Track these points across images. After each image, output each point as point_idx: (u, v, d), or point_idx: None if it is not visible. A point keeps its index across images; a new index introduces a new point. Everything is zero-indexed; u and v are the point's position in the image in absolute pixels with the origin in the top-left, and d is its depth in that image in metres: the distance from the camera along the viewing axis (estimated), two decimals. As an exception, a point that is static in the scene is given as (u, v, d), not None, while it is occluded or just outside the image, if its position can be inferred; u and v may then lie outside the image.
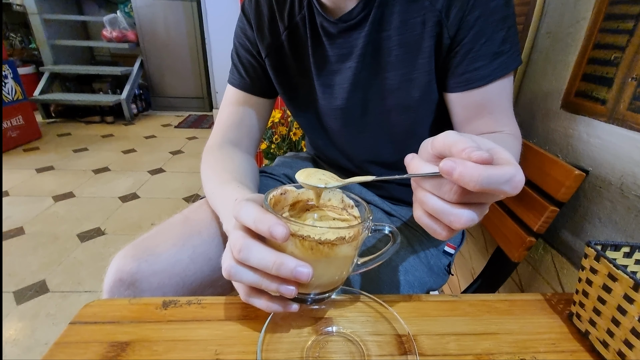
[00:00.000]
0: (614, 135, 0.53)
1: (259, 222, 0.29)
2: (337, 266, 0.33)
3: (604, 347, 0.33)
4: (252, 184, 0.51)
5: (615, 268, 0.32)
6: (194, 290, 0.48)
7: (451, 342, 0.35)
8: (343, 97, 0.54)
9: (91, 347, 0.33)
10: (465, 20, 0.44)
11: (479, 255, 0.95)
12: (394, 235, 0.34)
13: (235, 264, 0.31)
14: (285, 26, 0.55)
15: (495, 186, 0.22)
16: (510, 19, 0.44)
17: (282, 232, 0.28)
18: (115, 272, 0.44)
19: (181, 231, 0.50)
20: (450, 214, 0.25)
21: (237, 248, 0.30)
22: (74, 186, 2.07)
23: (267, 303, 0.32)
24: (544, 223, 0.54)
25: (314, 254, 0.30)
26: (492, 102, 0.48)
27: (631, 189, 0.50)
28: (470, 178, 0.22)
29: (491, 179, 0.22)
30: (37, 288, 1.30)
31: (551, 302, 0.42)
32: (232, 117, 0.61)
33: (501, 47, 0.45)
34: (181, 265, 0.47)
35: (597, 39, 0.56)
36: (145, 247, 0.47)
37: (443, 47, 0.46)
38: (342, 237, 0.30)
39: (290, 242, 0.29)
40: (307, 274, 0.29)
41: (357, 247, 0.33)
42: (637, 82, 0.49)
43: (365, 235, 0.32)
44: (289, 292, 0.30)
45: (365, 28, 0.48)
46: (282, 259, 0.29)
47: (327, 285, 0.34)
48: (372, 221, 0.32)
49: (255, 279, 0.30)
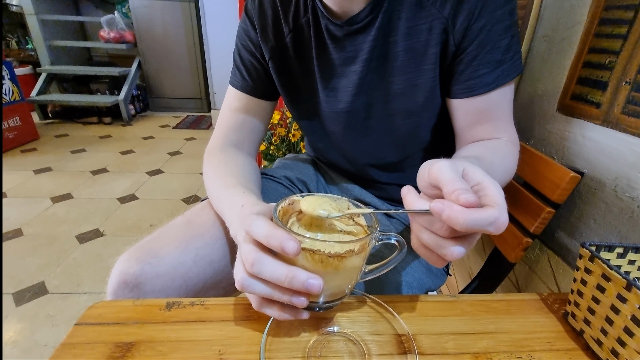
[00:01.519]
0: (608, 138, 0.54)
1: (271, 237, 0.30)
2: (346, 276, 0.34)
3: (598, 346, 0.34)
4: (257, 188, 0.51)
5: (609, 268, 0.32)
6: (196, 292, 0.49)
7: (450, 341, 0.36)
8: (347, 100, 0.54)
9: (97, 348, 0.33)
10: (471, 29, 0.44)
11: (476, 256, 0.96)
12: (401, 244, 0.35)
13: (248, 277, 0.32)
14: (289, 29, 0.54)
15: (479, 227, 0.25)
16: (513, 27, 0.45)
17: (294, 247, 0.29)
18: (119, 274, 0.44)
19: (184, 234, 0.51)
20: (442, 247, 0.28)
21: (249, 262, 0.31)
22: (72, 187, 2.07)
23: (279, 312, 0.33)
24: (540, 224, 0.55)
25: (324, 266, 0.31)
26: (493, 109, 0.49)
27: (625, 190, 0.51)
28: (456, 221, 0.25)
29: (476, 222, 0.25)
30: (36, 290, 1.29)
31: (547, 302, 0.42)
32: (234, 120, 0.61)
33: (504, 55, 0.45)
34: (184, 267, 0.47)
35: (592, 43, 0.57)
36: (149, 250, 0.47)
37: (448, 53, 0.47)
38: (351, 249, 0.31)
39: (301, 255, 0.30)
40: (317, 286, 0.30)
41: (365, 257, 0.34)
42: (630, 85, 0.50)
43: (373, 245, 0.33)
44: (300, 302, 0.31)
45: (372, 32, 0.48)
46: (294, 272, 0.30)
47: (337, 294, 0.35)
48: (379, 231, 0.33)
49: (267, 291, 0.31)
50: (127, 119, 3.39)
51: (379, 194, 0.67)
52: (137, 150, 2.71)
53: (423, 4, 0.46)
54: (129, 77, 3.40)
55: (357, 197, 0.68)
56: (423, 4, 0.46)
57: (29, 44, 3.49)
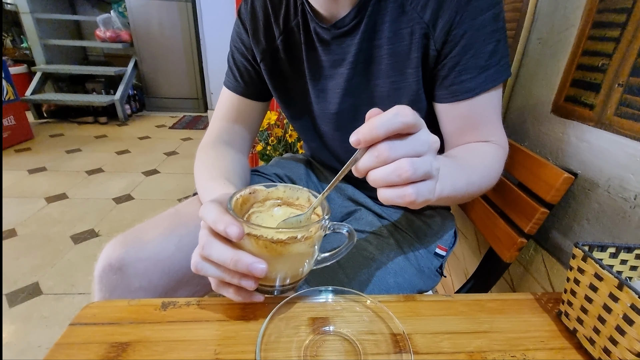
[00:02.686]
0: (601, 140, 0.54)
1: (217, 222, 0.32)
2: (295, 262, 0.36)
3: (590, 344, 0.35)
4: (240, 182, 0.52)
5: (601, 268, 0.33)
6: (180, 278, 0.50)
7: (445, 340, 0.36)
8: (335, 102, 0.55)
9: (92, 348, 0.33)
10: (452, 34, 0.44)
11: (472, 256, 0.97)
12: (351, 235, 0.37)
13: (201, 260, 0.34)
14: (280, 31, 0.56)
15: (388, 125, 0.26)
16: (499, 33, 0.45)
17: (236, 232, 0.31)
18: (104, 258, 0.46)
19: (170, 222, 0.53)
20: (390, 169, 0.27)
21: (201, 245, 0.33)
22: (67, 187, 2.05)
23: (234, 295, 0.35)
24: (534, 224, 0.56)
25: (269, 251, 0.33)
26: (479, 114, 0.49)
27: (617, 191, 0.51)
28: (368, 132, 0.27)
29: (382, 122, 0.26)
30: (30, 290, 1.28)
31: (541, 301, 0.43)
32: (226, 119, 0.64)
33: (489, 61, 0.45)
34: (167, 252, 0.49)
35: (586, 46, 0.57)
36: (134, 236, 0.49)
37: (430, 58, 0.47)
38: (294, 236, 0.32)
39: (247, 240, 0.33)
40: (261, 270, 0.32)
41: (313, 245, 0.35)
42: (623, 88, 0.50)
43: (322, 234, 0.35)
44: (248, 285, 0.33)
45: (358, 36, 0.49)
46: (239, 256, 0.32)
47: (290, 277, 0.37)
48: (329, 221, 0.35)
49: (218, 273, 0.34)
50: (123, 119, 3.37)
51: (372, 194, 0.68)
52: (133, 150, 2.70)
53: (405, 8, 0.46)
54: (125, 77, 3.38)
55: (350, 196, 0.69)
56: (405, 8, 0.46)
57: (23, 42, 3.46)
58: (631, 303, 0.30)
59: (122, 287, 0.46)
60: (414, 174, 0.27)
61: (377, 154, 0.27)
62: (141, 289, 0.47)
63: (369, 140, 0.27)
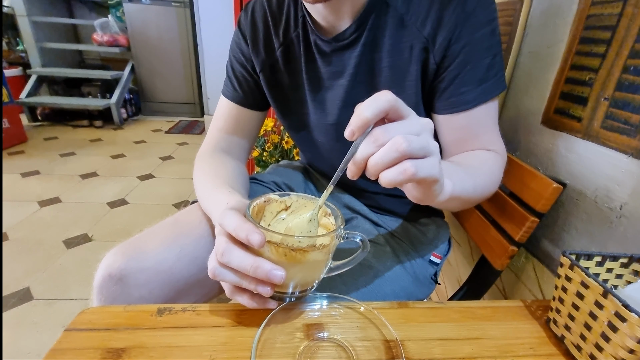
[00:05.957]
0: (589, 151, 0.56)
1: (239, 229, 0.33)
2: (310, 269, 0.37)
3: (577, 351, 0.36)
4: (243, 189, 0.53)
5: (587, 276, 0.34)
6: (180, 288, 0.50)
7: (436, 346, 0.37)
8: (334, 113, 0.56)
9: (87, 354, 0.33)
10: (451, 48, 0.46)
11: (465, 264, 0.98)
12: (364, 243, 0.39)
13: (219, 266, 0.35)
14: (280, 42, 0.57)
15: (374, 106, 0.28)
16: (495, 47, 0.47)
17: (258, 239, 0.32)
18: (105, 268, 0.46)
19: (170, 232, 0.53)
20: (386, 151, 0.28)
21: (220, 251, 0.34)
22: (60, 191, 2.04)
23: (249, 301, 0.36)
24: (525, 233, 0.57)
25: (287, 259, 0.33)
26: (477, 124, 0.50)
27: (604, 201, 0.53)
28: (357, 118, 0.28)
29: (367, 105, 0.28)
30: (21, 296, 1.26)
31: (530, 309, 0.44)
32: (225, 128, 0.64)
33: (486, 74, 0.47)
34: (168, 263, 0.49)
35: (574, 61, 0.59)
36: (135, 246, 0.49)
37: (429, 71, 0.49)
38: (312, 244, 0.33)
39: (266, 248, 0.33)
40: (280, 277, 0.33)
41: (328, 253, 0.36)
42: (609, 102, 0.52)
43: (337, 243, 0.36)
44: (265, 291, 0.34)
45: (358, 48, 0.50)
46: (259, 263, 0.33)
47: (303, 285, 0.38)
48: (344, 230, 0.36)
49: (236, 279, 0.34)
50: (119, 123, 3.36)
51: (368, 202, 0.69)
52: (128, 155, 2.69)
53: (405, 23, 0.48)
54: (121, 81, 3.38)
55: (347, 204, 0.70)
56: (405, 23, 0.48)
57: (19, 45, 3.44)
58: (615, 311, 0.31)
59: (123, 297, 0.46)
60: (410, 146, 0.27)
61: (374, 139, 0.28)
62: (141, 299, 0.47)
63: (360, 125, 0.28)
